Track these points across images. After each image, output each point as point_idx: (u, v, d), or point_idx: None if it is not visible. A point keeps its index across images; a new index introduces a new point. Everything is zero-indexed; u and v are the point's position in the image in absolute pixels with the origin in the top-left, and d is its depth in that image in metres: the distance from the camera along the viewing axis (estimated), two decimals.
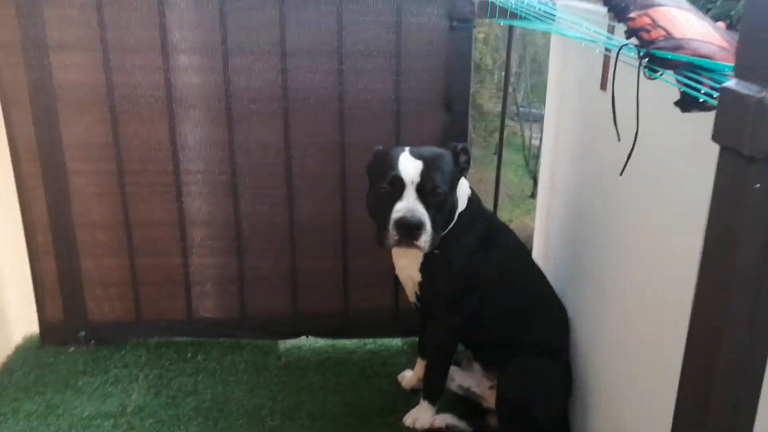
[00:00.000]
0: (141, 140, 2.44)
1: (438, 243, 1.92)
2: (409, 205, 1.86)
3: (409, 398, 2.37)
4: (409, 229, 1.84)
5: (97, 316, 2.64)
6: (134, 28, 2.31)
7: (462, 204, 2.05)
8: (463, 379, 2.31)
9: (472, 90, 2.53)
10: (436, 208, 1.89)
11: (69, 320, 2.63)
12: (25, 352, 2.61)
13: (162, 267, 2.61)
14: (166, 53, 2.34)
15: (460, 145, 2.03)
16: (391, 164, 1.91)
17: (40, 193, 2.48)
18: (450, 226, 2.01)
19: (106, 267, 2.60)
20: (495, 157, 3.16)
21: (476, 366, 2.30)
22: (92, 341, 2.66)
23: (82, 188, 2.49)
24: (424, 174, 1.88)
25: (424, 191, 1.88)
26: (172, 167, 2.48)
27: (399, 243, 1.87)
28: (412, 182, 1.88)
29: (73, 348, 2.63)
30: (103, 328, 2.66)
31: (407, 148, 1.96)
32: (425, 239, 1.86)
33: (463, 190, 2.07)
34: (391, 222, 1.86)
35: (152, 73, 2.37)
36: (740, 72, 0.76)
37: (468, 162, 2.05)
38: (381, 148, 2.06)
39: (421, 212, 1.86)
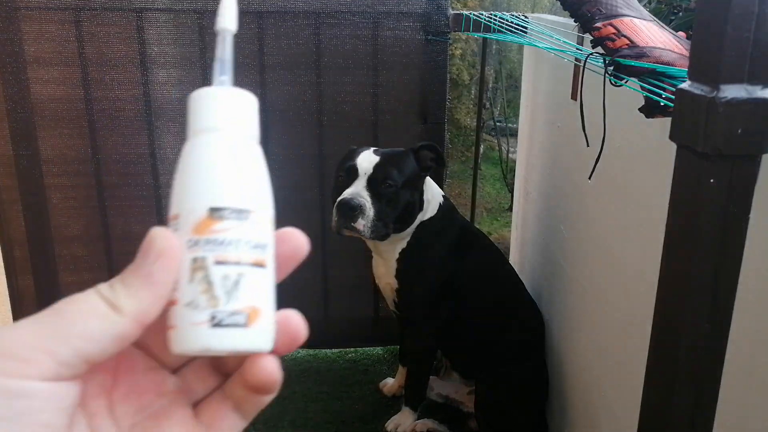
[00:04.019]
0: (120, 154, 2.45)
1: (386, 234, 1.96)
2: (354, 190, 1.93)
3: (390, 405, 2.39)
4: (345, 211, 1.90)
5: None
6: (112, 42, 2.33)
7: (432, 209, 2.08)
8: (442, 387, 2.35)
9: (449, 105, 2.58)
10: (386, 200, 1.95)
11: None
12: None
13: None
14: (145, 67, 2.36)
15: (421, 144, 2.05)
16: (351, 157, 2.01)
17: (17, 208, 2.46)
18: (413, 227, 2.04)
19: (85, 282, 2.52)
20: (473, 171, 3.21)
21: (454, 375, 2.33)
22: None
23: (61, 203, 2.48)
24: (378, 167, 1.95)
25: (375, 182, 1.94)
26: (152, 180, 2.49)
27: (339, 225, 1.93)
28: (365, 173, 1.95)
29: None
30: None
31: (373, 148, 2.04)
32: (363, 223, 1.90)
33: (434, 195, 2.10)
34: (335, 204, 1.93)
35: (131, 87, 2.38)
36: (693, 74, 0.80)
37: (435, 160, 2.06)
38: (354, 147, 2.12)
39: (364, 197, 1.92)
